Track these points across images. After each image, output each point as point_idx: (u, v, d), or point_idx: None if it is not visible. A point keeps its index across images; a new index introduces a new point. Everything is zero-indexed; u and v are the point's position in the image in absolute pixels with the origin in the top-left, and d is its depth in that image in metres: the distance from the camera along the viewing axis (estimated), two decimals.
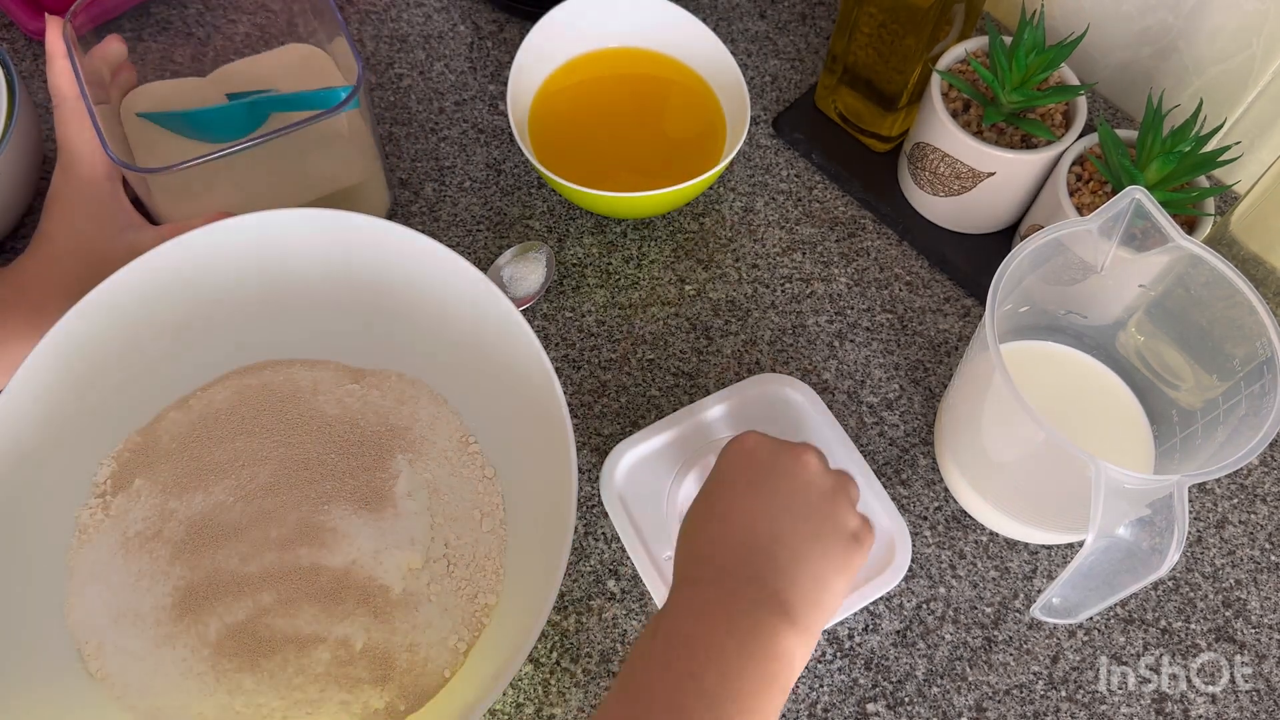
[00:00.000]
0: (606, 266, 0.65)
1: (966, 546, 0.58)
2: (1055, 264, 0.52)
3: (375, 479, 0.54)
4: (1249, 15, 0.61)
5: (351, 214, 0.53)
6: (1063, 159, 0.59)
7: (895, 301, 0.65)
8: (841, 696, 0.54)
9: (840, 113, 0.68)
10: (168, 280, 0.53)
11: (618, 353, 0.63)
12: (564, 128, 0.66)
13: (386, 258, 0.54)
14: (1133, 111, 0.71)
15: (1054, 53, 0.58)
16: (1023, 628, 0.56)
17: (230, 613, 0.50)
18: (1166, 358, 0.55)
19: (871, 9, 0.60)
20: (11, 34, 0.71)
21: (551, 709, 0.53)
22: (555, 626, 0.55)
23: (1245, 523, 0.59)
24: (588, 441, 0.60)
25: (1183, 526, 0.43)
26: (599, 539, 0.57)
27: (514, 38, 0.73)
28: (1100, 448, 0.45)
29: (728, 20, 0.75)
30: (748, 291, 0.65)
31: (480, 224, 0.66)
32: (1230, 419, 0.49)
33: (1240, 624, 0.57)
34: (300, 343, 0.58)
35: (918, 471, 0.60)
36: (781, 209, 0.68)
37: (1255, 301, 0.47)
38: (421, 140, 0.69)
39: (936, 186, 0.64)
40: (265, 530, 0.52)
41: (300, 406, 0.56)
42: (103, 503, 0.54)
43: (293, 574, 0.51)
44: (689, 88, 0.67)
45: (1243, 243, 0.57)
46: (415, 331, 0.57)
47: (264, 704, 0.49)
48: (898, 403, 0.62)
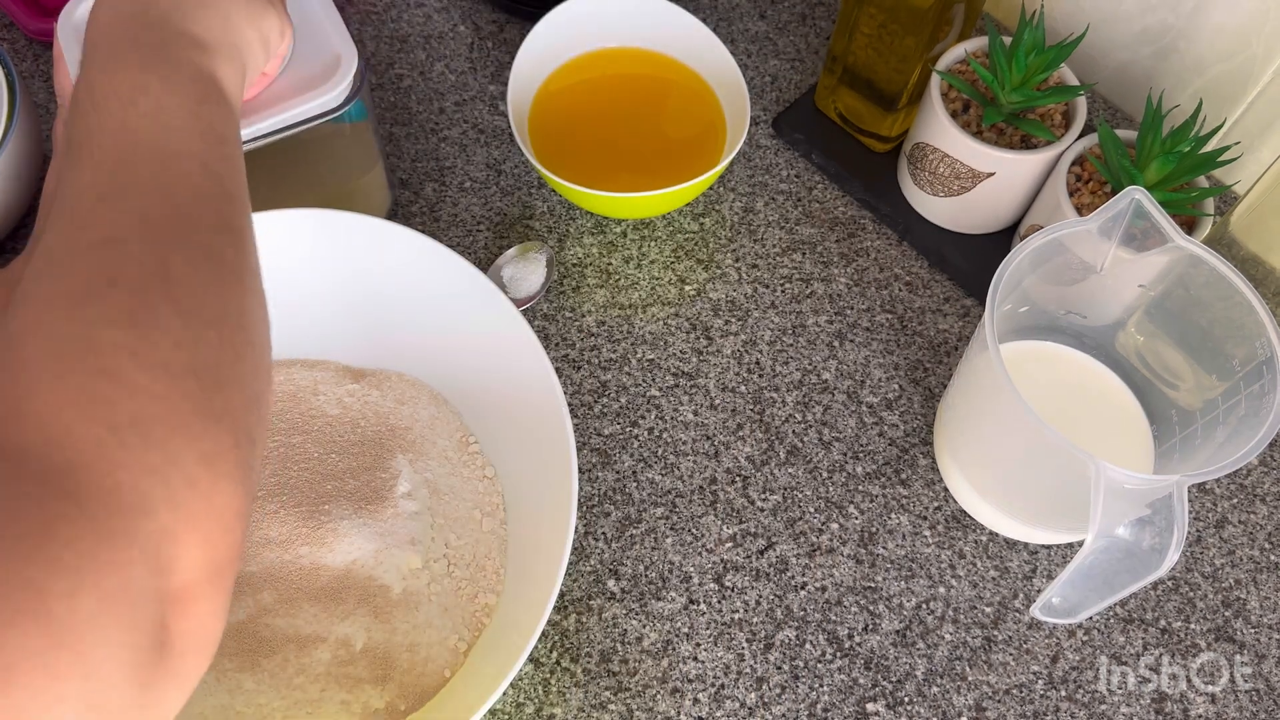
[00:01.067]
0: (606, 266, 0.65)
1: (966, 546, 0.58)
2: (1055, 264, 0.52)
3: (375, 479, 0.54)
4: (1249, 15, 0.61)
5: (352, 214, 0.53)
6: (1062, 159, 0.59)
7: (895, 301, 0.65)
8: (841, 696, 0.54)
9: (840, 113, 0.69)
10: None
11: (618, 353, 0.63)
12: (564, 128, 0.66)
13: (386, 258, 0.55)
14: (1132, 112, 0.71)
15: (1054, 53, 0.58)
16: (1022, 627, 0.56)
17: (230, 612, 0.50)
18: (1166, 358, 0.55)
19: (871, 9, 0.60)
20: (12, 34, 0.71)
21: (551, 709, 0.53)
22: (555, 626, 0.55)
23: (1245, 523, 0.59)
24: (588, 441, 0.60)
25: (1182, 526, 0.43)
26: (599, 539, 0.57)
27: (514, 38, 0.73)
28: (1100, 448, 0.45)
29: (728, 20, 0.75)
30: (748, 291, 0.65)
31: (480, 224, 0.66)
32: (1230, 419, 0.49)
33: (1240, 624, 0.57)
34: (300, 343, 0.58)
35: (918, 471, 0.60)
36: (781, 209, 0.68)
37: (1255, 301, 0.47)
38: (421, 140, 0.69)
39: (936, 187, 0.64)
40: (265, 530, 0.52)
41: (300, 406, 0.56)
42: None
43: (293, 573, 0.51)
44: (689, 88, 0.67)
45: (1242, 243, 0.57)
46: (415, 331, 0.57)
47: (264, 704, 0.49)
48: (897, 403, 0.62)
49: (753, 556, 0.57)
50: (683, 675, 0.54)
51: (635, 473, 0.59)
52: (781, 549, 0.58)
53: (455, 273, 0.53)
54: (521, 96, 0.65)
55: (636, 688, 0.54)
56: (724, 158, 0.60)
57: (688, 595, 0.56)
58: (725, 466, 0.60)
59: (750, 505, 0.59)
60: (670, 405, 0.61)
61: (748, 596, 0.56)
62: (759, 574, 0.57)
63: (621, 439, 0.60)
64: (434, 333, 0.56)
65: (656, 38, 0.67)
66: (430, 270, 0.54)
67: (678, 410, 0.61)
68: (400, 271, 0.55)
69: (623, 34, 0.68)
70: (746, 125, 0.62)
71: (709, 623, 0.56)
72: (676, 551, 0.57)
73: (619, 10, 0.66)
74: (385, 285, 0.56)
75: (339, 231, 0.54)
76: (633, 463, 0.60)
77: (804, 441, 0.60)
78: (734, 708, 0.54)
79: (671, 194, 0.59)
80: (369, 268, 0.55)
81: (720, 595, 0.56)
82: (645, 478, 0.59)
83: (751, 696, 0.54)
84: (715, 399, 0.62)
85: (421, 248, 0.53)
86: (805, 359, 0.63)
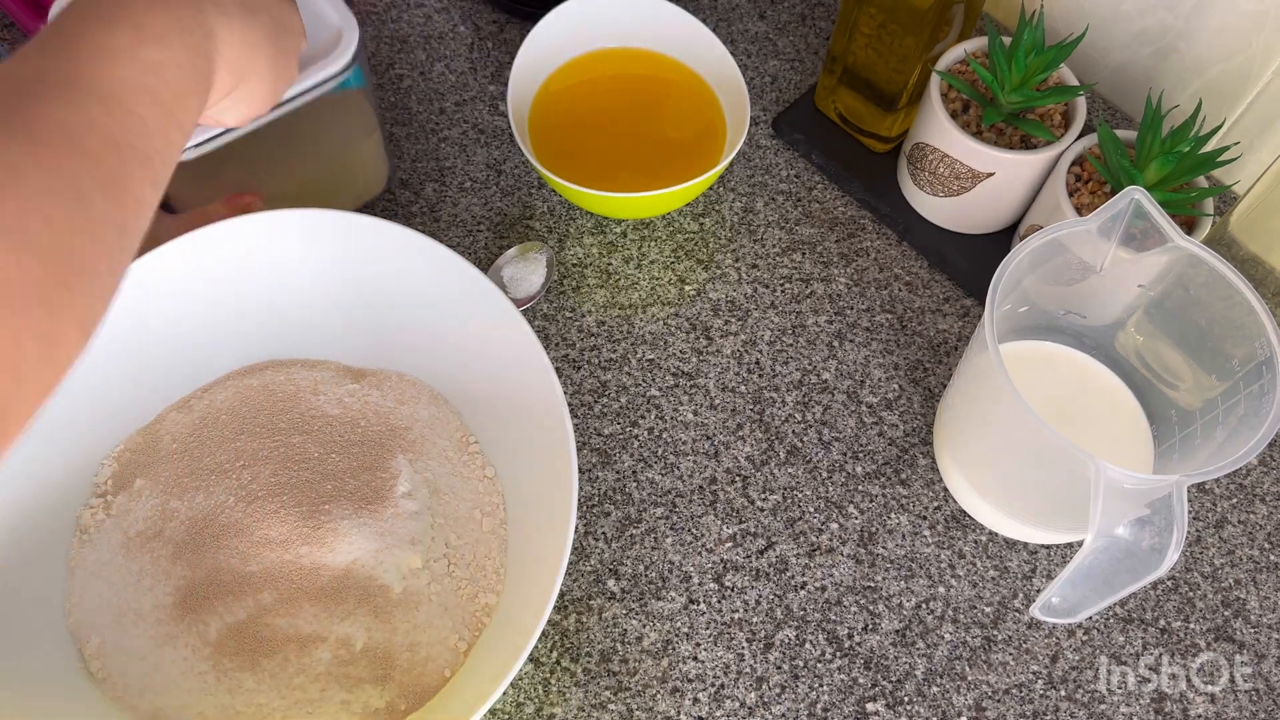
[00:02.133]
0: (606, 266, 0.65)
1: (966, 546, 0.58)
2: (1055, 264, 0.52)
3: (375, 479, 0.54)
4: (1249, 15, 0.61)
5: (351, 214, 0.53)
6: (1062, 159, 0.59)
7: (895, 301, 0.65)
8: (841, 696, 0.54)
9: (840, 113, 0.69)
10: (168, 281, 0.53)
11: (618, 353, 0.63)
12: (564, 128, 0.66)
13: (386, 258, 0.55)
14: (1132, 112, 0.71)
15: (1053, 53, 0.58)
16: (1022, 627, 0.56)
17: (231, 612, 0.50)
18: (1166, 358, 0.55)
19: (871, 9, 0.60)
20: (12, 34, 0.71)
21: (551, 709, 0.53)
22: (555, 626, 0.55)
23: (1244, 523, 0.59)
24: (588, 441, 0.60)
25: (1182, 526, 0.43)
26: (599, 539, 0.57)
27: (514, 38, 0.73)
28: (1100, 448, 0.45)
29: (728, 20, 0.75)
30: (747, 291, 0.65)
31: (480, 224, 0.66)
32: (1229, 419, 0.49)
33: (1240, 624, 0.57)
34: (300, 343, 0.58)
35: (917, 471, 0.60)
36: (781, 209, 0.68)
37: (1254, 301, 0.47)
38: (422, 140, 0.69)
39: (936, 187, 0.64)
40: (266, 530, 0.52)
41: (300, 406, 0.56)
42: (104, 502, 0.54)
43: (293, 573, 0.51)
44: (689, 88, 0.67)
45: (1242, 243, 0.57)
46: (415, 331, 0.57)
47: (264, 703, 0.49)
48: (897, 403, 0.62)
49: (753, 556, 0.57)
50: (683, 675, 0.54)
51: (635, 473, 0.59)
52: (781, 549, 0.58)
53: (455, 273, 0.53)
54: (521, 96, 0.65)
55: (636, 687, 0.54)
56: (724, 158, 0.60)
57: (688, 595, 0.56)
58: (725, 466, 0.60)
59: (750, 505, 0.59)
60: (670, 405, 0.61)
61: (748, 596, 0.56)
62: (759, 574, 0.57)
63: (621, 439, 0.60)
64: (434, 333, 0.56)
65: (656, 38, 0.67)
66: (430, 270, 0.54)
67: (678, 410, 0.61)
68: (400, 272, 0.55)
69: (622, 34, 0.68)
70: (746, 125, 0.62)
71: (709, 623, 0.56)
72: (676, 551, 0.57)
73: (618, 10, 0.66)
74: (385, 285, 0.56)
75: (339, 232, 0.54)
76: (633, 463, 0.60)
77: (804, 441, 0.60)
78: (734, 707, 0.54)
79: (671, 194, 0.60)
80: (369, 268, 0.55)
81: (720, 595, 0.56)
82: (645, 478, 0.59)
83: (751, 696, 0.54)
84: (715, 399, 0.62)
85: (422, 248, 0.53)
86: (805, 359, 0.63)
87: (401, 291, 0.56)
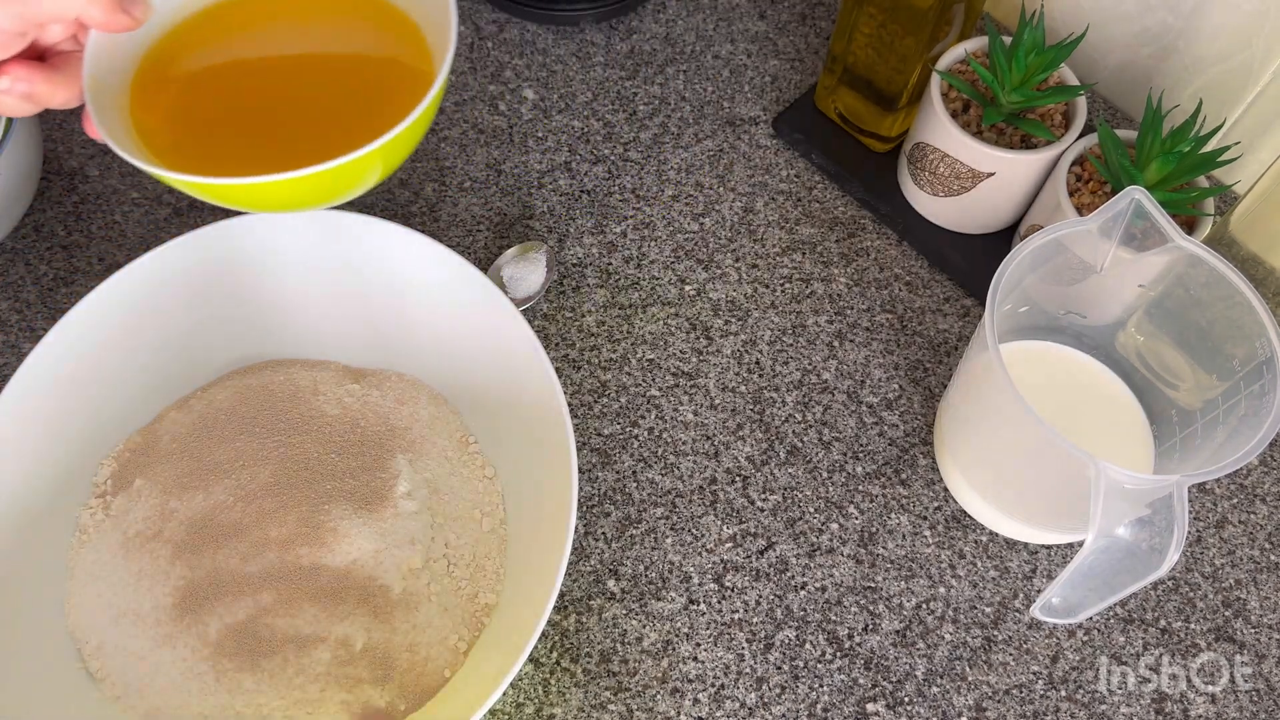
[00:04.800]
0: (606, 266, 0.65)
1: (966, 546, 0.58)
2: (1055, 264, 0.52)
3: (375, 479, 0.54)
4: (1249, 15, 0.61)
5: (351, 214, 0.53)
6: (1062, 159, 0.59)
7: (895, 301, 0.65)
8: (841, 696, 0.54)
9: (840, 113, 0.69)
10: (168, 280, 0.53)
11: (618, 353, 0.63)
12: (205, 99, 0.44)
13: (386, 258, 0.55)
14: (1132, 112, 0.71)
15: (1054, 53, 0.58)
16: (1022, 628, 0.56)
17: (230, 612, 0.50)
18: (1166, 358, 0.55)
19: (871, 9, 0.60)
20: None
21: (551, 709, 0.53)
22: (555, 626, 0.55)
23: (1245, 523, 0.59)
24: (588, 441, 0.60)
25: (1182, 526, 0.43)
26: (599, 539, 0.57)
27: (514, 38, 0.73)
28: (1100, 448, 0.45)
29: (728, 20, 0.75)
30: (748, 291, 0.65)
31: (480, 224, 0.66)
32: (1230, 419, 0.49)
33: (1240, 624, 0.57)
34: (300, 343, 0.58)
35: (917, 471, 0.60)
36: (781, 209, 0.68)
37: (1255, 301, 0.47)
38: (422, 140, 0.69)
39: (936, 186, 0.64)
40: (265, 530, 0.52)
41: (300, 406, 0.56)
42: (103, 503, 0.54)
43: (293, 574, 0.51)
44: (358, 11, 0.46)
45: (1242, 243, 0.57)
46: (415, 331, 0.57)
47: (264, 704, 0.49)
48: (897, 403, 0.62)
49: (753, 556, 0.57)
50: (683, 675, 0.54)
51: (635, 473, 0.59)
52: (781, 549, 0.58)
53: (455, 272, 0.53)
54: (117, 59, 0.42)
55: (636, 688, 0.54)
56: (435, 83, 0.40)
57: (688, 595, 0.56)
58: (725, 466, 0.60)
59: (750, 505, 0.59)
60: (670, 405, 0.61)
61: (748, 596, 0.56)
62: (759, 574, 0.57)
63: (621, 439, 0.60)
64: (434, 333, 0.56)
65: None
66: (430, 270, 0.54)
67: (678, 410, 0.61)
68: (400, 272, 0.55)
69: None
70: (453, 40, 0.41)
71: (709, 623, 0.56)
72: (676, 551, 0.57)
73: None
74: (385, 285, 0.56)
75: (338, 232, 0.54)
76: (633, 463, 0.60)
77: (804, 441, 0.60)
78: (734, 708, 0.54)
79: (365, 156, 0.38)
80: (369, 268, 0.55)
81: (720, 595, 0.56)
82: (645, 478, 0.59)
83: (751, 697, 0.54)
84: (715, 399, 0.62)
85: (421, 248, 0.53)
86: (805, 359, 0.63)
87: (401, 292, 0.56)
